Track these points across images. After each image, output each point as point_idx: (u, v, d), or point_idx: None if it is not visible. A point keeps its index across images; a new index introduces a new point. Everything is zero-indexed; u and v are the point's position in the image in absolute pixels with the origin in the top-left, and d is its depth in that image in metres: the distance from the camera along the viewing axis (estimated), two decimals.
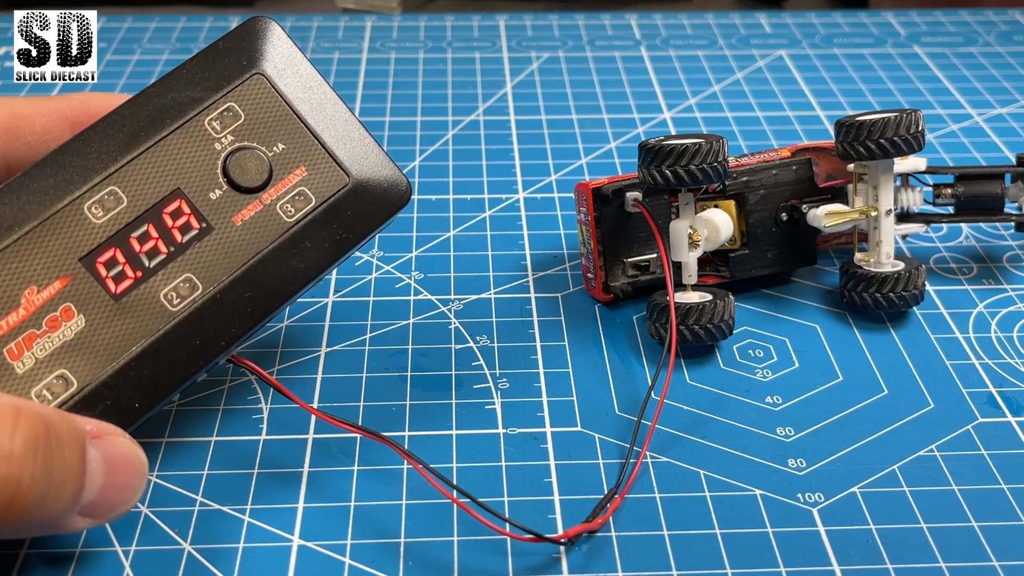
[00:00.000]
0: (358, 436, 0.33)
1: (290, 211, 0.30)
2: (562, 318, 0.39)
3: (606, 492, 0.31)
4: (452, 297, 0.40)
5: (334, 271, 0.37)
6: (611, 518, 0.30)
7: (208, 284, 0.29)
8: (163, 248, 0.29)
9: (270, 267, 0.30)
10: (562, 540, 0.29)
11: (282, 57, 0.32)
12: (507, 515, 0.30)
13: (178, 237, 0.29)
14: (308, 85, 0.32)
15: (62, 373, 0.28)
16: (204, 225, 0.29)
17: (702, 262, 0.38)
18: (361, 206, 0.31)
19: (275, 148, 0.31)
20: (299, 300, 0.39)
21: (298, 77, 0.32)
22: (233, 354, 0.30)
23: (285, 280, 0.30)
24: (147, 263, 0.29)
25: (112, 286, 0.28)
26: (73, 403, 0.28)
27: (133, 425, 0.28)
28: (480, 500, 0.29)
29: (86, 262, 0.28)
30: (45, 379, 0.27)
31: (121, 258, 0.29)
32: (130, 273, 0.29)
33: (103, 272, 0.28)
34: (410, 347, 0.37)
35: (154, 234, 0.29)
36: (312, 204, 0.30)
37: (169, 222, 0.29)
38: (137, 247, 0.29)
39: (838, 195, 0.40)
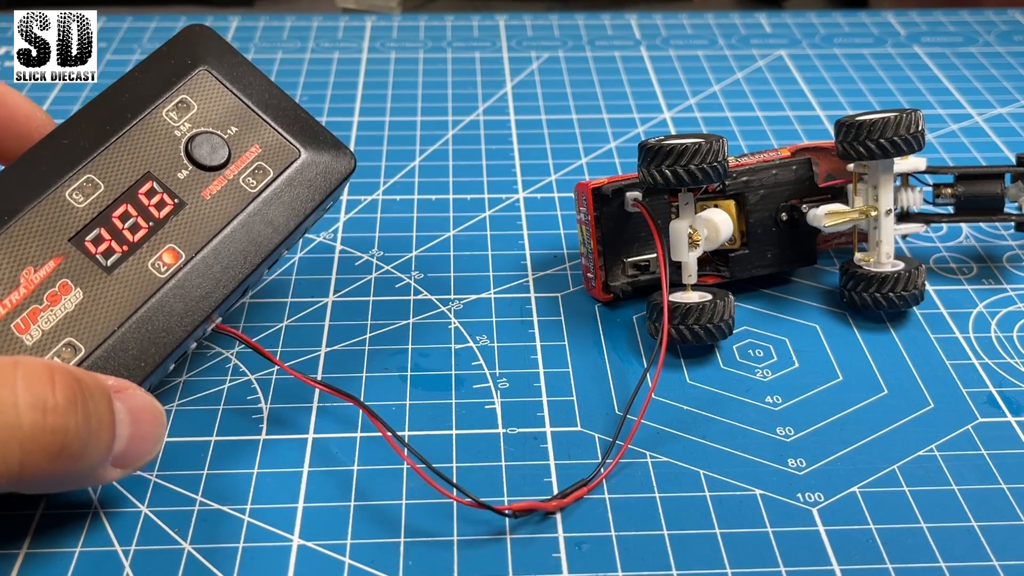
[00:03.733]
0: (357, 436, 0.33)
1: (252, 183, 0.33)
2: (562, 318, 0.39)
3: (596, 486, 0.31)
4: (452, 297, 0.40)
5: (303, 240, 0.38)
6: (610, 516, 0.30)
7: (190, 251, 0.32)
8: (143, 224, 0.32)
9: (243, 231, 0.33)
10: (506, 512, 0.29)
11: (222, 55, 0.35)
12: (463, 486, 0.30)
13: (155, 213, 0.32)
14: (249, 79, 0.35)
15: (69, 341, 0.30)
16: (177, 201, 0.32)
17: (702, 262, 0.38)
18: (314, 174, 0.34)
19: (229, 131, 0.34)
20: (298, 299, 0.39)
21: (239, 70, 0.35)
22: (218, 323, 0.33)
23: (258, 242, 0.33)
24: (131, 238, 0.31)
25: (103, 260, 0.31)
26: (83, 367, 0.29)
27: (141, 384, 0.30)
28: (431, 463, 0.30)
29: (75, 241, 0.31)
30: (54, 347, 0.30)
31: (107, 235, 0.31)
32: (117, 248, 0.31)
33: (92, 249, 0.31)
34: (410, 347, 0.37)
35: (133, 212, 0.32)
36: (271, 176, 0.34)
37: (145, 201, 0.32)
38: (120, 225, 0.31)
39: (838, 195, 0.40)
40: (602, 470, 0.31)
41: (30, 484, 0.26)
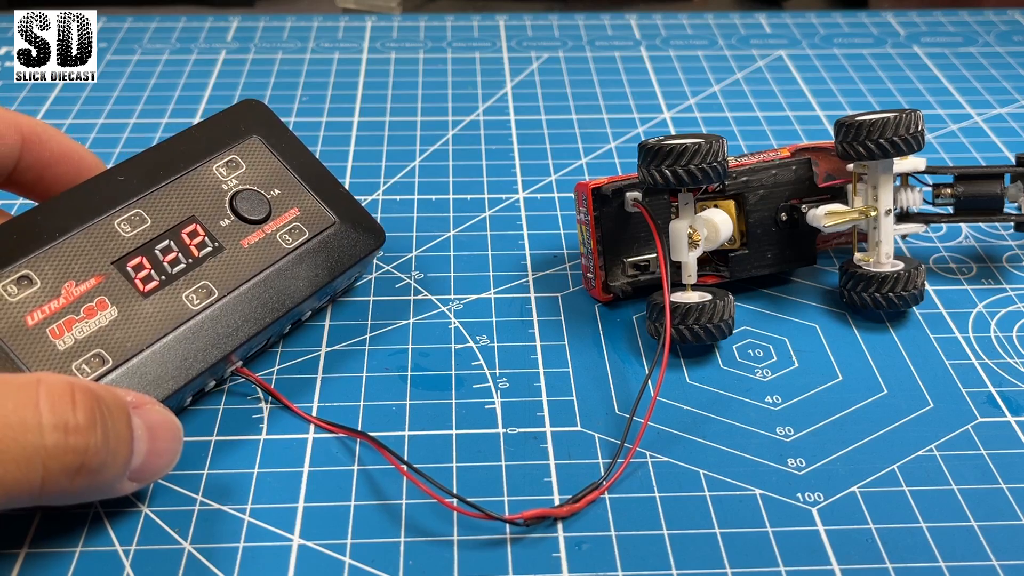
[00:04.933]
0: (357, 436, 0.33)
1: (288, 240, 0.36)
2: (562, 318, 0.39)
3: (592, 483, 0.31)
4: (452, 297, 0.40)
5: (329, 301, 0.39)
6: (611, 516, 0.30)
7: (223, 290, 0.34)
8: (183, 260, 0.34)
9: (274, 281, 0.35)
10: (518, 520, 0.29)
11: (273, 127, 0.38)
12: (506, 513, 0.30)
13: (195, 252, 0.34)
14: (295, 151, 0.38)
15: (98, 352, 0.31)
16: (217, 245, 0.35)
17: (702, 262, 0.38)
18: (346, 242, 0.37)
19: (272, 192, 0.37)
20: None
21: (287, 143, 0.38)
22: (239, 366, 0.34)
23: (287, 293, 0.35)
24: (170, 270, 0.33)
25: (141, 286, 0.33)
26: (108, 380, 0.31)
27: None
28: (434, 479, 0.30)
29: (118, 265, 0.33)
30: (83, 356, 0.31)
31: (147, 264, 0.33)
32: (156, 277, 0.33)
33: (132, 274, 0.33)
34: (410, 347, 0.37)
35: (175, 248, 0.34)
36: (306, 236, 0.36)
37: (187, 240, 0.34)
38: (161, 257, 0.33)
39: (838, 195, 0.40)
40: (610, 475, 0.31)
41: (50, 499, 0.27)
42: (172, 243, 0.34)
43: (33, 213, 0.32)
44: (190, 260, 0.34)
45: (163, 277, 0.33)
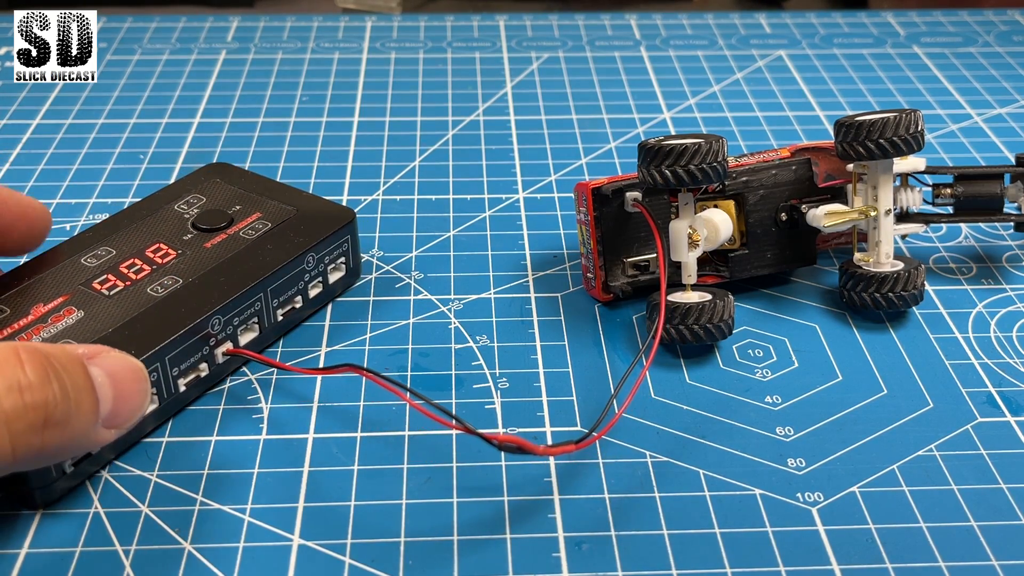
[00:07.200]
0: (358, 436, 0.33)
1: (251, 233, 0.37)
2: (562, 318, 0.39)
3: (587, 446, 0.31)
4: (452, 297, 0.40)
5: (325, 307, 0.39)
6: (611, 516, 0.30)
7: (188, 277, 0.35)
8: (147, 268, 0.36)
9: (240, 261, 0.36)
10: (493, 441, 0.29)
11: (234, 173, 0.41)
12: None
13: (160, 260, 0.36)
14: (257, 181, 0.40)
15: (66, 341, 0.32)
16: (180, 252, 0.36)
17: (702, 262, 0.38)
18: (309, 223, 0.38)
19: (234, 208, 0.39)
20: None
21: (247, 179, 0.40)
22: (228, 348, 0.34)
23: (255, 267, 0.36)
24: (135, 277, 0.35)
25: (107, 293, 0.34)
26: None
27: None
28: (425, 396, 0.31)
29: (84, 284, 0.35)
30: None
31: (112, 278, 0.35)
32: (120, 284, 0.35)
33: (98, 287, 0.35)
34: (410, 347, 0.37)
35: (139, 262, 0.36)
36: (269, 227, 0.38)
37: (151, 255, 0.36)
38: (126, 271, 0.35)
39: (838, 195, 0.40)
40: (599, 429, 0.31)
41: (27, 461, 0.27)
42: (136, 260, 0.36)
43: (8, 274, 0.35)
44: (154, 267, 0.35)
45: (128, 283, 0.35)
